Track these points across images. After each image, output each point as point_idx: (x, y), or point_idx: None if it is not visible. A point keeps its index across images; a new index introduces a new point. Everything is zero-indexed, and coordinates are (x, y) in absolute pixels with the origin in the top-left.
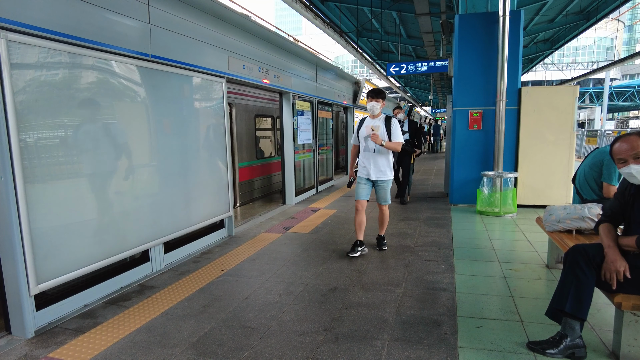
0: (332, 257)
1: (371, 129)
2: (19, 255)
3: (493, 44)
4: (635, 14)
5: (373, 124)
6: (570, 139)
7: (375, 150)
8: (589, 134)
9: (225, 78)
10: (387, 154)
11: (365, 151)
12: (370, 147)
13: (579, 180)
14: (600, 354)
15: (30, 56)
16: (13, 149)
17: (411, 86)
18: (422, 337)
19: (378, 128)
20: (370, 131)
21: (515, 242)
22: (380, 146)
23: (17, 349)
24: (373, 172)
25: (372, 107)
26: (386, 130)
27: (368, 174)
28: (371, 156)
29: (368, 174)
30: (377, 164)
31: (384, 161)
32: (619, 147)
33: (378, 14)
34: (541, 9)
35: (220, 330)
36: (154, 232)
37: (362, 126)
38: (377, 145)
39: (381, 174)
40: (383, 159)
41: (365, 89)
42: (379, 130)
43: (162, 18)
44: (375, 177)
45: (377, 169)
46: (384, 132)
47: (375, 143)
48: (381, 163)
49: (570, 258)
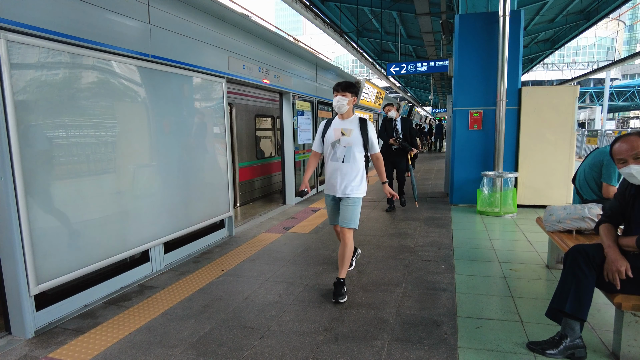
0: (332, 257)
1: (341, 133)
2: (18, 256)
3: (493, 44)
4: (635, 14)
5: (343, 127)
6: (571, 139)
7: (345, 160)
8: (589, 134)
9: (225, 78)
10: (359, 164)
11: (332, 160)
12: (339, 155)
13: (579, 180)
14: (600, 354)
15: (31, 56)
16: (13, 149)
17: (411, 86)
18: (422, 338)
19: (350, 132)
20: (339, 135)
21: (516, 242)
22: (352, 154)
23: (17, 349)
24: (341, 188)
25: (339, 103)
26: (362, 136)
27: (334, 191)
28: (339, 167)
29: (335, 190)
30: (347, 177)
31: (356, 173)
32: (619, 147)
33: (378, 14)
34: (541, 8)
35: (220, 331)
36: (154, 232)
37: (329, 129)
38: (346, 153)
39: (351, 190)
40: (354, 170)
41: (366, 88)
42: (350, 134)
43: (162, 18)
44: (342, 193)
45: (346, 184)
46: (358, 138)
47: (342, 145)
48: (352, 176)
49: (571, 258)
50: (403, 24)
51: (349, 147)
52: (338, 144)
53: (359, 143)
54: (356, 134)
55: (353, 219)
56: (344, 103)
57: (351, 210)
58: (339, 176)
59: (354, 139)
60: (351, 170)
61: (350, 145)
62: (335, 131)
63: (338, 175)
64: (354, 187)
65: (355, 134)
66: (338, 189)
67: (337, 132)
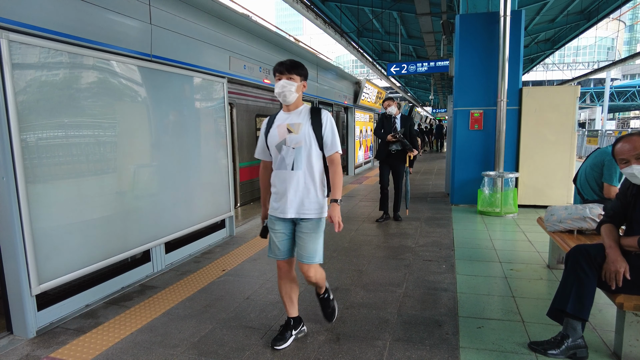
0: (333, 257)
1: (287, 130)
2: (20, 255)
3: (494, 44)
4: (636, 14)
5: (289, 122)
6: (571, 139)
7: (296, 166)
8: (590, 134)
9: (226, 78)
10: (317, 170)
11: (280, 169)
12: (287, 161)
13: (580, 180)
14: (601, 354)
15: (32, 56)
16: (15, 149)
17: (412, 86)
18: (423, 338)
19: (298, 128)
20: (285, 133)
21: (516, 242)
22: (304, 157)
23: (19, 349)
24: (293, 207)
25: (284, 90)
26: (314, 133)
27: (283, 210)
28: (288, 178)
29: (283, 209)
30: (300, 190)
31: (313, 184)
32: (621, 147)
33: (379, 14)
34: (542, 9)
35: (222, 331)
36: (155, 232)
37: (272, 127)
38: (297, 156)
39: (309, 209)
40: (310, 180)
41: (366, 88)
42: (299, 131)
43: (163, 18)
44: (295, 213)
45: (301, 200)
46: (310, 135)
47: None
48: (307, 188)
49: (572, 258)
50: (403, 24)
51: (298, 148)
52: (285, 145)
53: (313, 142)
54: (307, 129)
55: (317, 251)
56: (291, 89)
57: (312, 238)
58: (289, 190)
59: (305, 136)
60: (306, 181)
61: (301, 146)
62: (280, 129)
63: (288, 189)
64: (312, 205)
65: (306, 129)
66: (289, 207)
67: (282, 129)
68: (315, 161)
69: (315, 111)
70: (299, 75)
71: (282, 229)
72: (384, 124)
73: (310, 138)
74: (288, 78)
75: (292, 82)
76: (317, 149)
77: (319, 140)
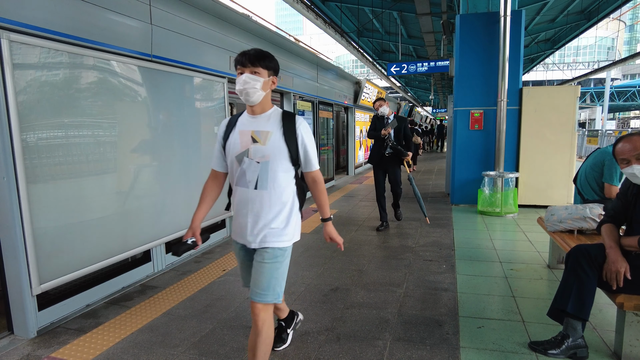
0: (333, 257)
1: (251, 139)
2: (21, 255)
3: (494, 44)
4: (636, 14)
5: (255, 129)
6: (571, 139)
7: (260, 185)
8: (590, 134)
9: (226, 78)
10: (286, 191)
11: (239, 186)
12: (249, 176)
13: (580, 180)
14: (602, 354)
15: (33, 56)
16: (15, 149)
17: (412, 86)
18: (424, 337)
19: (266, 137)
20: (249, 143)
21: (517, 242)
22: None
23: (20, 349)
24: (253, 233)
25: (246, 87)
26: (286, 145)
27: (244, 237)
28: (251, 198)
29: (244, 235)
30: (263, 214)
31: (279, 208)
32: (622, 147)
33: (379, 14)
34: (542, 8)
35: (222, 330)
36: (155, 232)
37: (232, 132)
38: (261, 172)
39: (271, 237)
40: (275, 202)
41: (367, 88)
42: (267, 141)
43: (163, 18)
44: (259, 241)
45: (263, 227)
46: (280, 146)
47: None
48: (272, 212)
49: (572, 258)
50: (404, 24)
51: (265, 162)
52: (247, 157)
53: (283, 156)
54: (277, 140)
55: (272, 287)
56: (255, 86)
57: (270, 270)
58: (250, 213)
59: (274, 149)
60: (272, 204)
61: (267, 160)
62: (243, 136)
63: (249, 212)
64: (276, 232)
65: (276, 139)
66: (249, 233)
67: (246, 137)
68: (285, 179)
69: (288, 117)
70: (266, 68)
71: (244, 254)
72: (376, 125)
73: (281, 151)
74: (252, 72)
75: (258, 78)
76: (288, 164)
77: (292, 154)
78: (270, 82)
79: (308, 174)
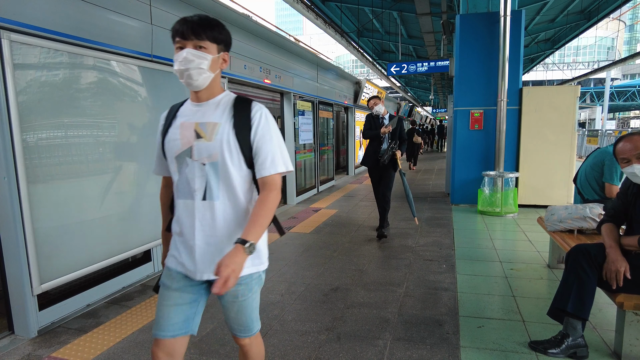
0: (334, 256)
1: (194, 134)
2: (22, 255)
3: (494, 43)
4: (636, 14)
5: (199, 120)
6: (571, 138)
7: (208, 194)
8: (590, 133)
9: (226, 78)
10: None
11: (183, 197)
12: (195, 184)
13: (580, 180)
14: (602, 353)
15: (33, 57)
16: (16, 149)
17: (412, 86)
18: (424, 337)
19: (212, 131)
20: (192, 138)
21: (517, 242)
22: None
23: (20, 349)
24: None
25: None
26: (237, 139)
27: (189, 267)
28: (198, 213)
29: (189, 265)
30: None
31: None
32: (623, 146)
33: (379, 14)
34: (542, 8)
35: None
36: (155, 232)
37: (173, 125)
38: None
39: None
40: (231, 218)
41: (367, 88)
42: (213, 135)
43: (163, 18)
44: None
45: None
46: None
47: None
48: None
49: (572, 258)
50: (404, 24)
51: (213, 164)
52: (190, 157)
53: (236, 154)
54: (226, 133)
55: (255, 318)
56: (201, 65)
57: (247, 304)
58: (197, 233)
59: (222, 144)
60: (226, 219)
61: (216, 161)
62: (184, 130)
63: (197, 231)
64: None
65: (225, 133)
66: (198, 263)
67: (188, 131)
68: (242, 186)
69: (242, 103)
70: (215, 41)
71: (180, 291)
72: (371, 125)
73: (231, 148)
74: (196, 46)
75: (204, 54)
76: (244, 166)
77: (245, 152)
78: (221, 60)
79: (261, 178)
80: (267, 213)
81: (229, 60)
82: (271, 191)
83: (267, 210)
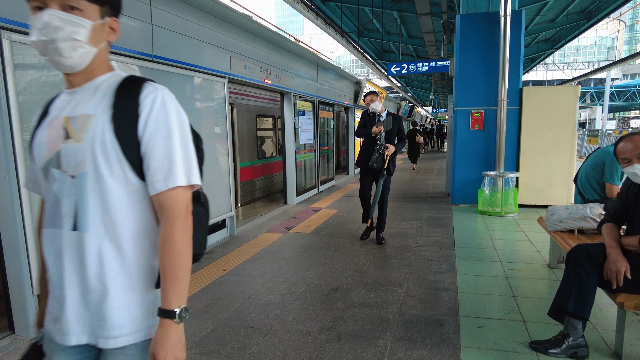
0: (334, 257)
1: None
2: (22, 255)
3: (494, 43)
4: (636, 14)
5: (69, 113)
6: (572, 138)
7: (80, 224)
8: (590, 133)
9: (227, 78)
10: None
11: (51, 226)
12: (63, 207)
13: (580, 180)
14: (602, 353)
15: (34, 57)
16: (17, 149)
17: (412, 86)
18: (424, 337)
19: (82, 127)
20: (60, 139)
21: (517, 242)
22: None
23: (21, 349)
24: (73, 315)
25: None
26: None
27: (61, 327)
28: (66, 249)
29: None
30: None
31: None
32: (623, 146)
33: (379, 14)
34: (542, 8)
35: (223, 330)
36: None
37: (42, 124)
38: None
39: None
40: (110, 255)
41: (367, 88)
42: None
43: (164, 18)
44: (84, 333)
45: (93, 302)
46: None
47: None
48: (104, 274)
49: (573, 258)
50: (404, 24)
51: (82, 174)
52: (57, 167)
53: (114, 159)
54: (100, 129)
55: None
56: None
57: None
58: (66, 279)
59: (94, 145)
60: (102, 256)
61: (85, 171)
62: (52, 129)
63: (65, 273)
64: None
65: (98, 129)
66: (69, 320)
67: (55, 130)
68: (131, 209)
69: (129, 85)
70: (95, 1)
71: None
72: (365, 123)
73: (107, 151)
74: (64, 6)
75: (77, 19)
76: (132, 176)
77: (128, 154)
78: (107, 29)
79: (155, 196)
80: (182, 261)
81: (119, 30)
82: (175, 220)
83: (180, 257)
